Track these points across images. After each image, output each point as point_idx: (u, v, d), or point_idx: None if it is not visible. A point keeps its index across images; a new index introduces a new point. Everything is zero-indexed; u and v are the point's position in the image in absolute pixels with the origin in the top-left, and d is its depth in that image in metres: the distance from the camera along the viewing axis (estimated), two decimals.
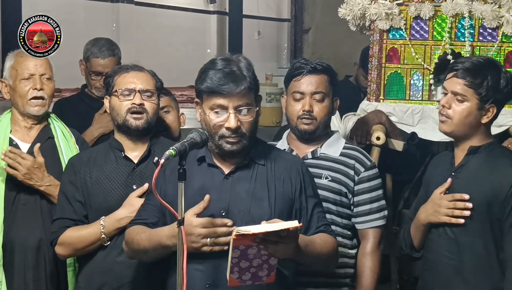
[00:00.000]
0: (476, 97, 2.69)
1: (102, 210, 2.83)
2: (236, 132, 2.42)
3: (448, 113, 2.73)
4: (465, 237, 2.69)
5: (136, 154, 2.92)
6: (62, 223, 2.86)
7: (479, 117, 2.71)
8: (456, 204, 2.69)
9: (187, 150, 2.27)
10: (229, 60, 2.46)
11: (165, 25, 12.77)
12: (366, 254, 2.91)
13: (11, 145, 3.15)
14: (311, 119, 2.90)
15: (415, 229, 2.87)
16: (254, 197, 2.47)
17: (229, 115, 2.41)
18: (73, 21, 10.08)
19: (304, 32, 7.97)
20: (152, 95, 2.93)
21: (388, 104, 3.60)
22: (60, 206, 2.91)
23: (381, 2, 3.50)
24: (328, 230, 2.60)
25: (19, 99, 3.16)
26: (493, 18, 3.44)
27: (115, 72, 2.97)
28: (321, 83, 2.91)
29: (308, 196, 2.58)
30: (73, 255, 2.89)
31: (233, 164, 2.51)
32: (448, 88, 2.75)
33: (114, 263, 2.80)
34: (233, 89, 2.39)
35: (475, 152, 2.74)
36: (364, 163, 2.94)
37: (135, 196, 2.79)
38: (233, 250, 2.17)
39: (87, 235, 2.81)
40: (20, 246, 3.11)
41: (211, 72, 2.43)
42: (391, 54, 3.59)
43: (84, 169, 2.89)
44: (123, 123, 2.88)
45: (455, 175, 2.75)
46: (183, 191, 2.22)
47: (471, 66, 2.71)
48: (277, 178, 2.53)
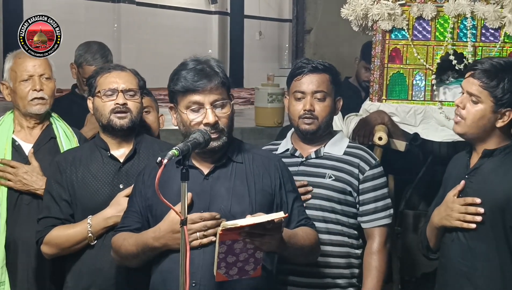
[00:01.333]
0: (491, 99, 2.62)
1: (89, 209, 2.83)
2: (214, 128, 2.45)
3: (462, 113, 2.68)
4: (478, 243, 2.64)
5: (121, 153, 2.92)
6: (48, 222, 2.86)
7: (494, 121, 2.64)
8: (467, 209, 2.63)
9: (190, 150, 2.29)
10: (198, 60, 2.52)
11: (166, 25, 12.78)
12: (372, 254, 2.90)
13: (13, 146, 3.17)
14: (312, 119, 2.89)
15: (430, 231, 2.83)
16: (234, 195, 2.49)
17: (206, 111, 2.45)
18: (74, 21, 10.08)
19: (305, 32, 7.97)
20: (135, 94, 2.93)
21: (390, 104, 3.58)
22: (46, 205, 2.91)
23: (384, 3, 3.49)
24: (309, 223, 2.63)
25: (20, 100, 3.17)
26: (495, 19, 3.43)
27: (97, 73, 2.97)
28: (322, 82, 2.91)
29: (288, 191, 2.60)
30: (59, 254, 2.88)
31: (211, 164, 2.53)
32: (464, 88, 2.70)
33: (102, 263, 2.80)
34: (207, 84, 2.44)
35: (489, 155, 2.67)
36: (369, 161, 2.93)
37: (122, 196, 2.80)
38: (219, 246, 2.20)
39: (74, 234, 2.81)
40: (24, 246, 3.12)
41: (183, 72, 2.49)
42: (393, 55, 3.58)
43: (70, 168, 2.89)
44: (108, 124, 2.88)
45: (469, 178, 2.69)
46: (186, 191, 2.23)
47: (489, 68, 2.64)
48: (256, 174, 2.56)
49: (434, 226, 2.78)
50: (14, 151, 3.17)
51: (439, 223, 2.74)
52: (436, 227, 2.77)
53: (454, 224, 2.67)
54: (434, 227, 2.78)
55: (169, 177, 2.46)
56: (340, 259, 2.91)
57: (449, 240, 2.72)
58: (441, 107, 3.51)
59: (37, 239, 2.87)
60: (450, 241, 2.72)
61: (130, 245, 2.49)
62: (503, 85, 2.60)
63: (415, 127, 3.53)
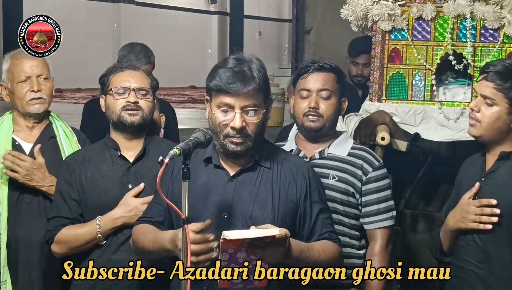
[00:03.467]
0: (506, 101, 2.61)
1: (98, 209, 2.84)
2: (240, 133, 2.40)
3: (477, 116, 2.66)
4: (494, 246, 2.62)
5: (131, 153, 2.91)
6: (58, 222, 2.86)
7: (509, 122, 2.63)
8: (483, 210, 2.61)
9: (191, 150, 2.27)
10: (241, 60, 2.44)
11: (166, 25, 12.79)
12: (374, 255, 2.88)
13: (13, 146, 3.17)
14: (317, 116, 2.88)
15: (444, 234, 2.80)
16: (257, 200, 2.45)
17: (235, 114, 2.39)
18: (74, 21, 10.10)
19: (305, 32, 7.95)
20: (147, 94, 2.92)
21: (390, 104, 3.58)
22: (55, 204, 2.92)
23: (384, 3, 3.50)
24: (333, 237, 2.55)
25: (18, 101, 3.17)
26: (495, 19, 3.43)
27: (110, 72, 2.97)
28: (328, 81, 2.90)
29: (313, 202, 2.53)
30: (68, 253, 2.88)
31: (238, 166, 2.49)
32: (478, 91, 2.69)
33: (109, 261, 2.80)
34: (241, 88, 2.37)
35: (506, 158, 2.66)
36: (372, 163, 2.93)
37: (131, 196, 2.80)
38: (221, 253, 2.17)
39: (83, 234, 2.82)
40: (25, 244, 3.12)
41: (221, 70, 2.41)
42: (393, 55, 3.58)
43: (80, 168, 2.89)
44: (118, 120, 2.88)
45: (485, 181, 2.67)
46: (187, 190, 2.22)
47: (502, 70, 2.63)
48: (282, 181, 2.50)
49: (449, 229, 2.75)
50: (14, 150, 3.15)
51: (454, 226, 2.71)
52: (451, 230, 2.74)
53: (470, 226, 2.64)
54: (448, 230, 2.76)
55: (197, 173, 2.44)
56: None
57: (464, 243, 2.70)
58: (440, 107, 3.51)
59: (47, 238, 2.88)
60: (466, 244, 2.70)
61: (148, 240, 2.46)
62: None
63: (415, 127, 3.53)
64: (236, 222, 2.40)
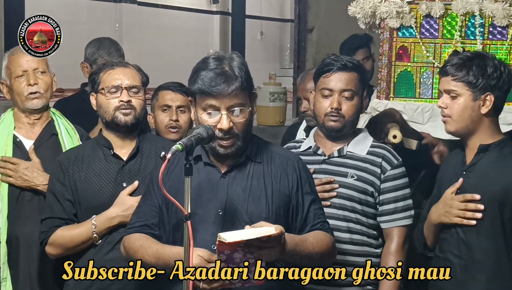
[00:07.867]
0: (467, 89, 2.68)
1: (92, 208, 2.83)
2: (228, 133, 2.40)
3: (446, 112, 2.72)
4: (475, 236, 2.67)
5: (125, 151, 2.91)
6: (52, 223, 2.85)
7: (478, 109, 2.68)
8: (467, 205, 2.66)
9: (193, 145, 2.26)
10: (220, 59, 2.42)
11: (168, 25, 12.77)
12: (390, 254, 2.88)
13: (15, 142, 3.17)
14: (338, 117, 2.86)
15: (427, 228, 2.84)
16: (251, 195, 2.45)
17: (221, 116, 2.38)
18: (75, 21, 10.09)
19: (307, 31, 7.93)
20: (139, 91, 2.92)
21: (398, 102, 3.56)
22: (49, 205, 2.90)
23: (392, 0, 3.48)
24: (325, 227, 2.56)
25: (17, 97, 3.18)
26: (504, 17, 3.42)
27: (100, 69, 2.96)
28: (351, 80, 2.88)
29: (305, 193, 2.55)
30: (63, 254, 2.87)
31: (229, 163, 2.49)
32: (441, 88, 2.76)
33: (104, 261, 2.79)
34: (225, 89, 2.36)
35: (485, 150, 2.70)
36: (390, 161, 2.91)
37: (126, 194, 2.80)
38: (218, 255, 2.18)
39: (79, 234, 2.81)
40: (25, 241, 3.12)
41: (202, 72, 2.40)
42: (401, 52, 3.56)
43: (73, 168, 2.88)
44: (112, 120, 2.87)
45: (466, 174, 2.72)
46: (189, 186, 2.21)
47: (456, 61, 2.71)
48: (274, 175, 2.51)
49: (431, 223, 2.79)
50: (16, 147, 3.18)
51: (437, 220, 2.75)
52: (434, 224, 2.78)
53: (453, 220, 2.69)
54: (431, 225, 2.79)
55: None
56: (359, 258, 2.89)
57: (448, 235, 2.74)
58: None
59: (41, 240, 2.86)
60: (450, 236, 2.73)
61: (149, 255, 2.42)
62: (472, 72, 2.67)
63: (423, 125, 3.51)
64: (232, 218, 2.41)
